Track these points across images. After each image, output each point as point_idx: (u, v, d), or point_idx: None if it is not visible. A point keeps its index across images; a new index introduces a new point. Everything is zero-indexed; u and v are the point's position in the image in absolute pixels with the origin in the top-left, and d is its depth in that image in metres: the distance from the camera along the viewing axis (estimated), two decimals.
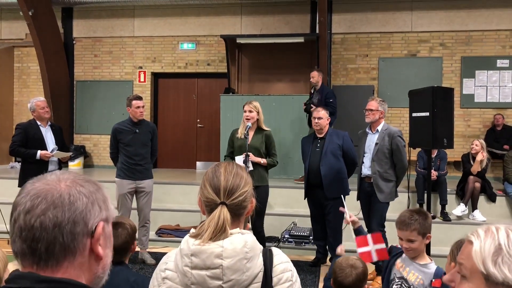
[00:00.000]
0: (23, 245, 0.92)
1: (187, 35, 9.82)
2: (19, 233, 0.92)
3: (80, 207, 0.95)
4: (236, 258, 1.43)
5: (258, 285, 1.47)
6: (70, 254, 0.94)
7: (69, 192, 0.95)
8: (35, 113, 5.51)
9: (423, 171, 6.74)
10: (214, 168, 1.59)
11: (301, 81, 9.23)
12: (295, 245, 6.28)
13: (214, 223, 1.46)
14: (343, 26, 9.27)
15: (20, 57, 10.55)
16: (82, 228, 0.95)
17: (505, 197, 6.91)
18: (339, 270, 2.55)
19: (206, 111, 9.92)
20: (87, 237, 0.96)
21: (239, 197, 1.53)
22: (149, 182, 5.52)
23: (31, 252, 0.92)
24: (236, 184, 1.54)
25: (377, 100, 5.11)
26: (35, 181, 0.98)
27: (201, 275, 1.43)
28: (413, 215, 2.61)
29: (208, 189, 1.54)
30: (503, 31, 8.87)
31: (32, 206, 0.92)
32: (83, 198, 0.96)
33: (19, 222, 0.92)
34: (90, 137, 10.24)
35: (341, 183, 5.17)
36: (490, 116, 8.84)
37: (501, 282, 0.92)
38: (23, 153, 5.41)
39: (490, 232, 0.98)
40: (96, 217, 0.97)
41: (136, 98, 5.45)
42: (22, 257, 0.93)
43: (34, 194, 0.94)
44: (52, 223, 0.92)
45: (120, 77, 10.13)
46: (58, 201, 0.93)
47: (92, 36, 10.18)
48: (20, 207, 0.93)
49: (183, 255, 1.47)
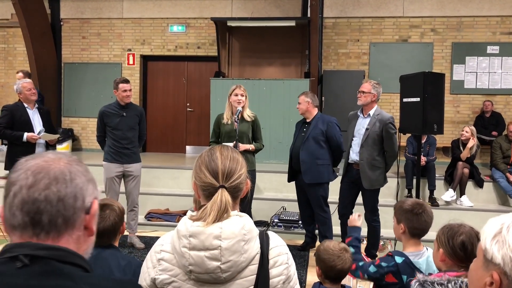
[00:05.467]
0: (26, 217, 0.96)
1: (177, 17, 9.68)
2: (21, 206, 0.96)
3: (79, 183, 1.01)
4: (234, 240, 1.45)
5: (255, 266, 1.50)
6: (70, 227, 0.99)
7: (69, 169, 1.00)
8: (22, 95, 5.41)
9: (412, 156, 6.77)
10: (210, 152, 1.60)
11: (292, 66, 9.18)
12: (284, 229, 6.30)
13: (217, 206, 1.48)
14: (334, 10, 9.20)
15: (5, 37, 10.34)
16: (81, 203, 1.00)
17: (492, 183, 6.98)
18: (337, 258, 2.49)
19: (196, 94, 9.84)
20: (84, 212, 1.01)
21: (237, 180, 1.55)
22: (137, 166, 5.47)
23: (33, 223, 0.96)
24: (233, 167, 1.56)
25: (370, 83, 4.91)
26: (30, 159, 1.01)
27: (199, 256, 1.44)
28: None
29: (206, 173, 1.55)
30: (494, 17, 8.86)
31: (35, 181, 0.96)
32: (81, 176, 1.02)
33: (20, 196, 0.96)
34: (78, 120, 10.13)
35: (320, 170, 5.06)
36: (479, 102, 8.88)
37: (490, 259, 1.00)
38: (10, 135, 5.32)
39: (503, 217, 1.06)
40: (91, 195, 1.03)
41: (123, 81, 5.35)
42: (22, 229, 0.97)
43: (35, 170, 0.98)
44: (56, 196, 0.97)
45: (109, 60, 9.99)
46: (61, 177, 0.98)
47: (80, 18, 9.99)
48: (20, 182, 0.97)
49: (180, 236, 1.48)
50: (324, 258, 2.53)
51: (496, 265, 0.98)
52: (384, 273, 2.45)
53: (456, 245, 1.99)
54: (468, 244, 1.97)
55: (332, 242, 2.62)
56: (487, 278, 0.99)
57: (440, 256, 2.03)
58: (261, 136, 5.26)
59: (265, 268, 1.51)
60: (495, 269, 0.98)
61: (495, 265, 0.98)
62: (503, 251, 0.97)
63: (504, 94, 8.89)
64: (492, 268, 0.99)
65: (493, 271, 0.98)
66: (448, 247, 2.00)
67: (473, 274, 1.06)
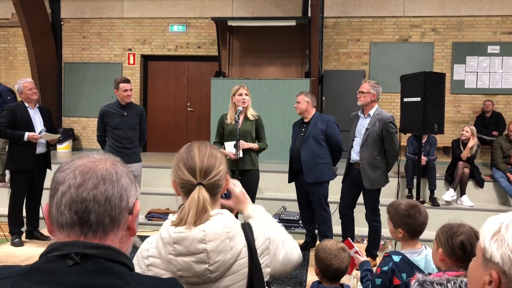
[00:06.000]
0: (74, 216, 0.97)
1: (178, 17, 9.68)
2: (69, 205, 0.97)
3: (124, 184, 1.03)
4: (219, 240, 1.44)
5: (244, 260, 1.49)
6: (116, 226, 1.01)
7: (115, 170, 1.03)
8: (23, 95, 5.41)
9: (413, 156, 6.77)
10: (188, 149, 1.58)
11: (292, 65, 9.18)
12: (285, 229, 6.29)
13: (195, 205, 1.46)
14: (335, 10, 9.20)
15: (6, 37, 10.34)
16: (125, 204, 1.02)
17: (492, 182, 6.98)
18: (333, 257, 2.50)
19: (196, 94, 9.85)
20: (128, 212, 1.03)
21: (215, 177, 1.53)
22: (138, 165, 5.47)
23: (81, 223, 0.97)
24: (211, 164, 1.54)
25: (370, 83, 4.89)
26: (76, 159, 1.04)
27: (186, 261, 1.44)
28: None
29: (183, 171, 1.53)
30: (494, 17, 8.86)
31: (83, 181, 0.98)
32: (126, 177, 1.04)
33: (69, 195, 0.97)
34: (78, 119, 10.13)
35: (321, 169, 5.07)
36: (480, 102, 8.88)
37: (489, 258, 1.00)
38: (11, 135, 5.32)
39: (502, 216, 1.05)
40: (133, 196, 1.05)
41: (124, 81, 5.36)
42: (70, 228, 0.98)
43: (83, 170, 1.00)
44: (104, 196, 0.98)
45: (109, 59, 9.99)
46: (108, 177, 1.00)
47: (80, 17, 10.00)
48: (69, 181, 0.98)
49: (165, 244, 1.47)
50: (322, 257, 2.55)
51: (495, 264, 0.98)
52: (389, 277, 2.45)
53: (455, 245, 1.99)
54: (467, 244, 1.97)
55: (330, 241, 2.63)
56: (486, 277, 0.99)
57: (440, 256, 2.03)
58: (264, 135, 5.27)
59: (256, 260, 1.51)
60: (494, 268, 0.98)
61: (494, 264, 0.98)
62: (502, 250, 0.97)
63: (505, 94, 8.89)
64: (491, 267, 0.99)
65: (492, 270, 0.98)
66: (447, 247, 2.00)
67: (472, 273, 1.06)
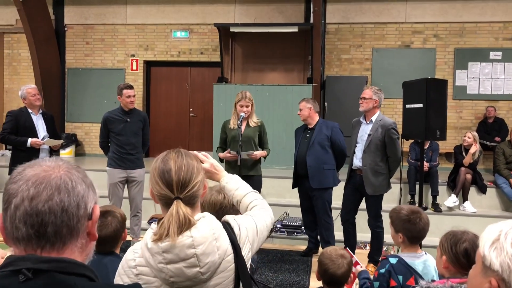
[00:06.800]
0: (30, 230, 0.94)
1: (180, 23, 9.73)
2: (24, 219, 0.94)
3: (81, 191, 0.99)
4: (207, 243, 1.47)
5: (230, 257, 1.53)
6: (75, 236, 0.99)
7: (70, 177, 0.99)
8: (26, 101, 5.44)
9: (415, 162, 6.77)
10: (163, 162, 1.55)
11: (295, 71, 9.20)
12: (287, 235, 6.30)
13: (175, 220, 1.47)
14: (337, 16, 9.23)
15: (10, 43, 10.40)
16: (83, 211, 0.99)
17: (495, 188, 6.97)
18: (330, 262, 2.53)
19: (199, 100, 9.87)
20: (87, 219, 1.01)
21: (193, 189, 1.53)
22: (141, 171, 5.49)
23: (38, 236, 0.94)
24: (188, 177, 1.53)
25: (372, 89, 4.92)
26: (27, 167, 0.99)
27: (177, 268, 1.46)
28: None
29: (160, 185, 1.52)
30: (496, 23, 8.87)
31: (37, 192, 0.94)
32: (82, 183, 1.01)
33: (23, 209, 0.94)
34: (81, 125, 10.16)
35: (327, 175, 5.10)
36: (482, 108, 8.88)
37: (488, 266, 1.00)
38: (14, 141, 5.34)
39: (501, 223, 1.06)
40: (91, 200, 1.03)
41: (127, 87, 5.38)
42: (26, 242, 0.95)
43: (36, 180, 0.95)
44: (60, 207, 0.95)
45: (112, 65, 10.04)
46: (62, 186, 0.97)
47: (83, 23, 10.05)
48: (22, 194, 0.94)
49: (153, 254, 1.48)
50: (320, 261, 2.59)
51: (495, 271, 0.98)
52: (387, 279, 2.47)
53: (459, 252, 1.99)
54: (471, 252, 1.97)
55: (333, 247, 2.69)
56: (485, 285, 1.00)
57: (443, 263, 2.03)
58: (267, 141, 5.30)
59: (240, 254, 1.54)
60: (493, 275, 0.99)
61: (493, 271, 0.99)
62: (501, 258, 0.98)
63: (507, 100, 8.88)
64: (491, 274, 0.99)
65: (491, 278, 0.99)
66: (451, 254, 2.01)
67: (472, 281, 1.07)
